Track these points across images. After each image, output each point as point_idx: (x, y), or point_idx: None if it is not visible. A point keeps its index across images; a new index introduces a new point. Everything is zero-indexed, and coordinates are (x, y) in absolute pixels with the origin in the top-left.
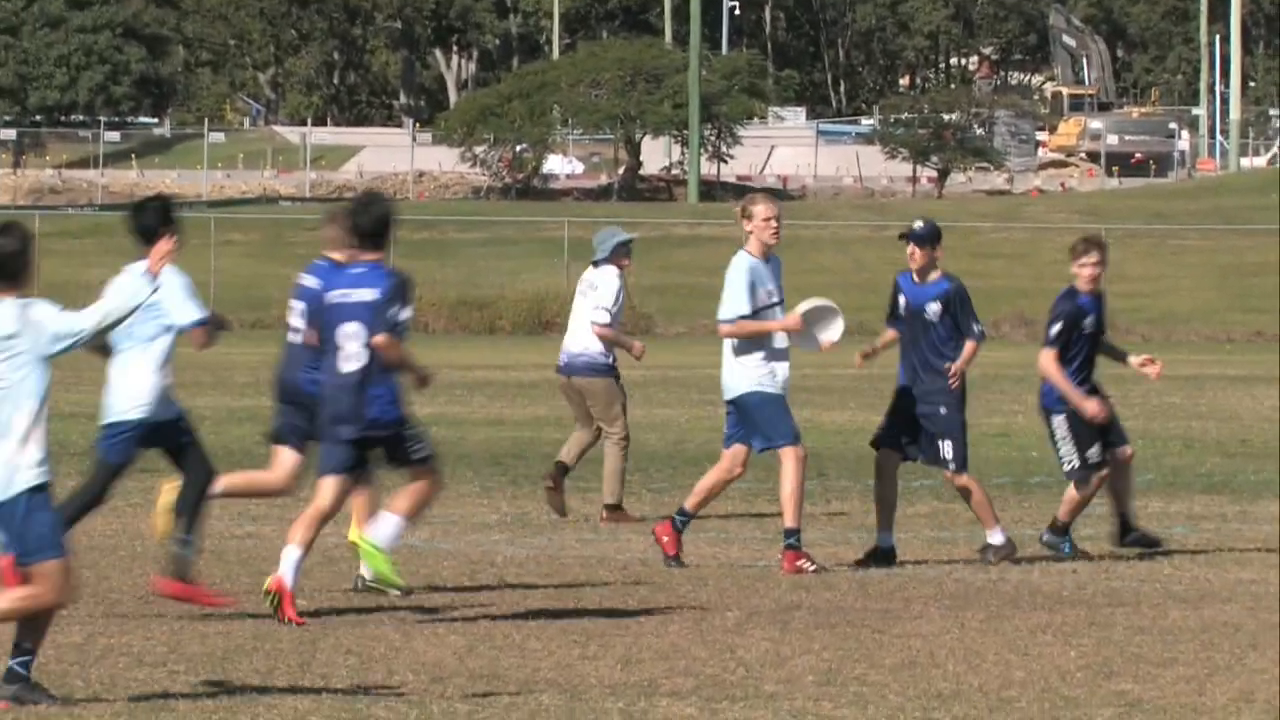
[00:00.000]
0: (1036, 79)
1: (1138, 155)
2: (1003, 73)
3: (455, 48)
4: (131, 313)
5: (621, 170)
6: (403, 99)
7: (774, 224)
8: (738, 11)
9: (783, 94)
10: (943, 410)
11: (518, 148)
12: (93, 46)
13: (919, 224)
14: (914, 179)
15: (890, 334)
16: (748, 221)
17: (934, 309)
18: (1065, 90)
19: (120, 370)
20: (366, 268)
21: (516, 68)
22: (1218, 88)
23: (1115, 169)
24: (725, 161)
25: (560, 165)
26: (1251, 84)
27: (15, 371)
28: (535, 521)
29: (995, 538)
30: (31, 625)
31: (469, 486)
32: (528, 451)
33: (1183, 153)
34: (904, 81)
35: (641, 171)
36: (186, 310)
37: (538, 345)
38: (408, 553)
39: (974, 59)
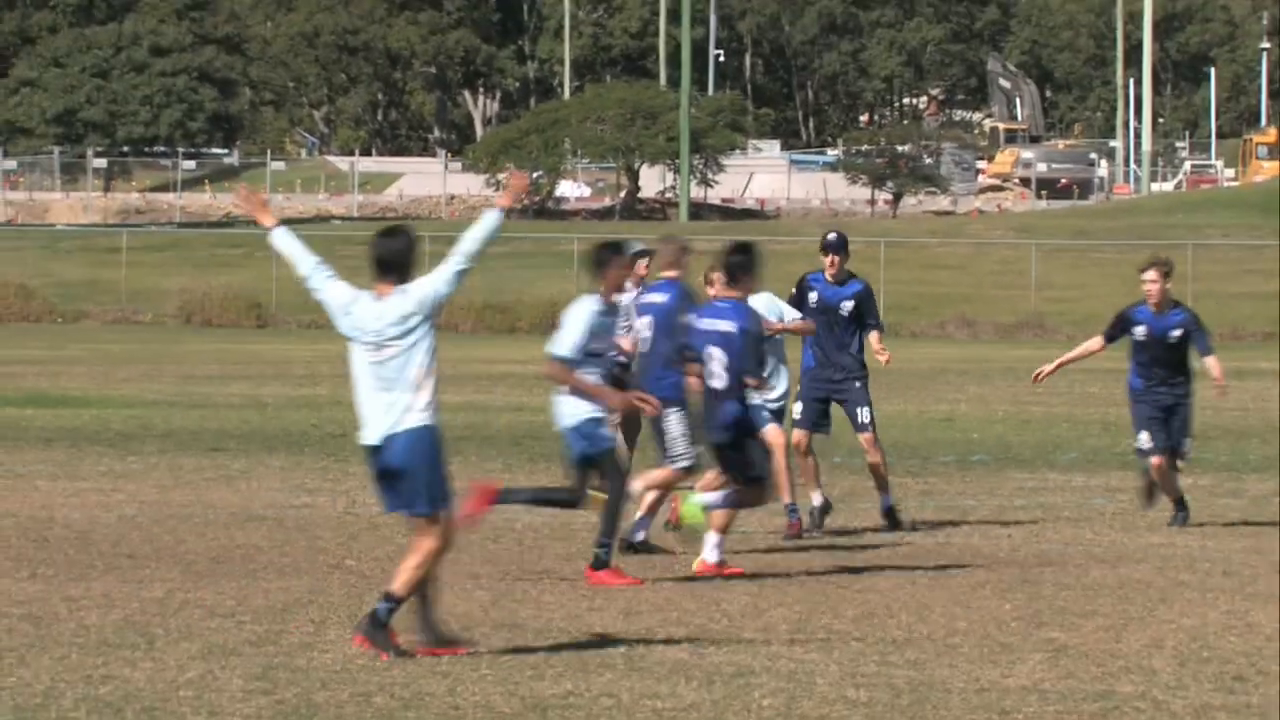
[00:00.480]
0: (977, 116)
1: (1063, 181)
2: (948, 111)
3: (481, 89)
4: (479, 254)
5: (623, 194)
6: (436, 133)
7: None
8: (722, 58)
9: (760, 129)
10: (857, 384)
11: (534, 174)
12: (172, 88)
13: (833, 235)
14: (872, 201)
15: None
16: (710, 287)
17: (848, 306)
18: (1001, 125)
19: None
20: (730, 304)
21: (533, 107)
22: (1132, 123)
23: (1044, 193)
24: (711, 186)
25: (571, 189)
26: (1160, 120)
27: (409, 337)
28: None
29: (886, 501)
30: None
31: (493, 464)
32: (543, 434)
33: (1102, 179)
34: (864, 118)
35: (640, 195)
36: (558, 340)
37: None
38: None
39: (923, 99)
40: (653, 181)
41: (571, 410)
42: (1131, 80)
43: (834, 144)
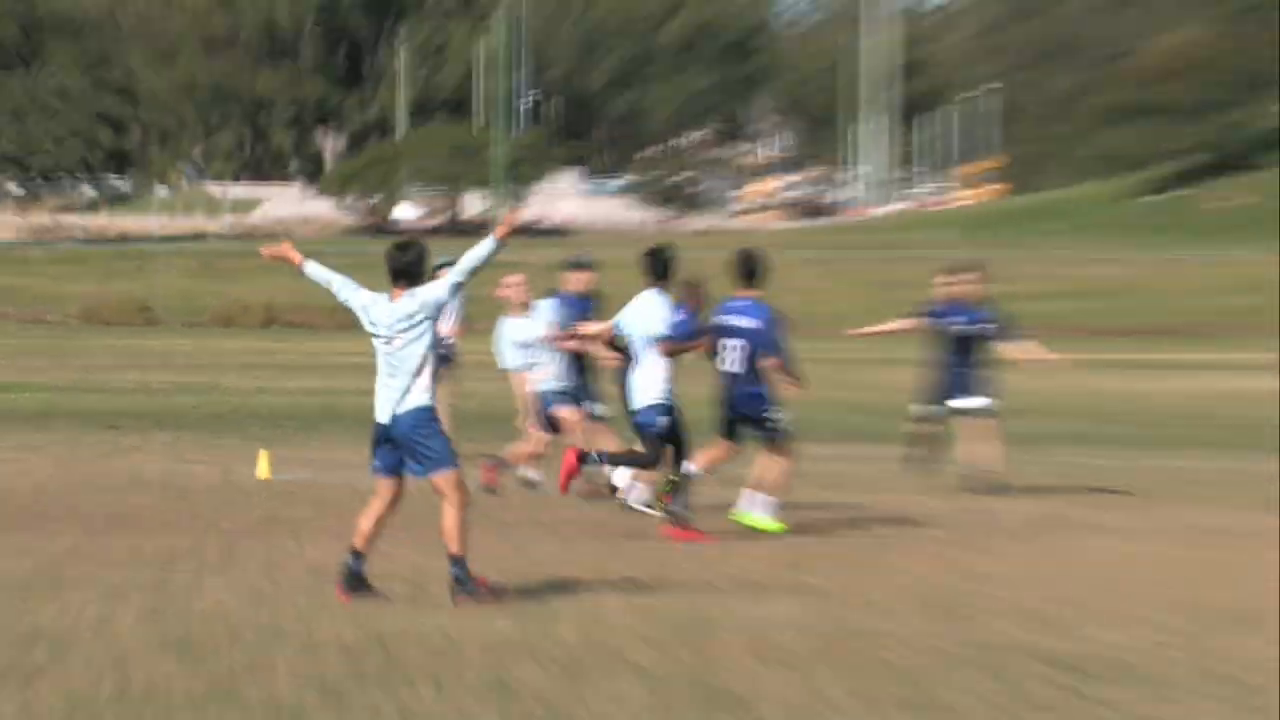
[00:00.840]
0: (745, 148)
1: (813, 204)
2: (721, 144)
3: (331, 128)
4: (474, 271)
5: (449, 215)
6: (295, 165)
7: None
8: (534, 102)
9: (566, 159)
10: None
11: (375, 199)
12: (77, 128)
13: (582, 256)
14: (657, 221)
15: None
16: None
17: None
18: (764, 156)
19: (640, 368)
20: (747, 302)
21: (374, 143)
22: (875, 153)
23: (797, 213)
24: (522, 209)
25: (406, 211)
26: (907, 150)
27: (413, 330)
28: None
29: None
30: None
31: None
32: None
33: (846, 201)
34: (649, 150)
35: (464, 216)
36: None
37: None
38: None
39: (701, 133)
40: (473, 205)
41: (642, 394)
42: (875, 116)
43: (626, 172)
